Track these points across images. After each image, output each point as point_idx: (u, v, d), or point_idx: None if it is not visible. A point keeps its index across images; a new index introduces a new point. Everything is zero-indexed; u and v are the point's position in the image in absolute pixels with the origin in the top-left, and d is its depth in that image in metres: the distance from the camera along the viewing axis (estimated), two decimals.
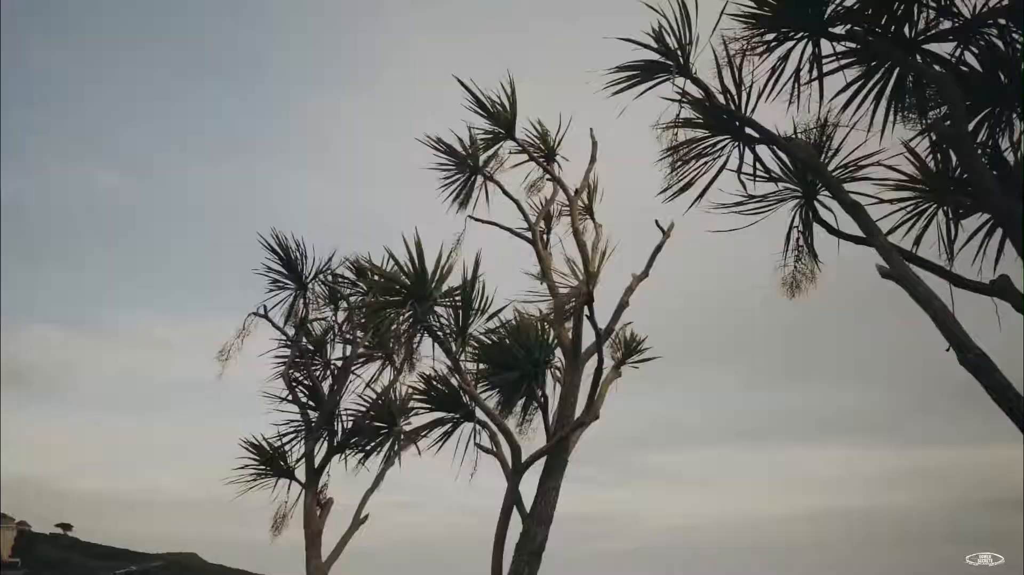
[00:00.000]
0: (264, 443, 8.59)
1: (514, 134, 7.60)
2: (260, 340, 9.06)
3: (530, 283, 8.40)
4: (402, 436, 8.75)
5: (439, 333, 7.38)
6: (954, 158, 5.48)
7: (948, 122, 4.45)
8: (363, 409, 8.99)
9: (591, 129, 8.00)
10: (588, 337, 7.39)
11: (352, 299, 9.02)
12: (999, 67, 5.28)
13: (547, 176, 8.04)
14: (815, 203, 5.97)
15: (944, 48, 5.40)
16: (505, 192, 8.14)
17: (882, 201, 5.95)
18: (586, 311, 6.87)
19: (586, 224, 8.78)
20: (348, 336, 9.29)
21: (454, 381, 7.69)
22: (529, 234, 8.19)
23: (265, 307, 8.93)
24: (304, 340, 9.25)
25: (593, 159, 8.14)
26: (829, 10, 5.15)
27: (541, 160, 8.29)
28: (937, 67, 5.36)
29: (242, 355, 8.81)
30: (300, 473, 8.55)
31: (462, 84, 7.29)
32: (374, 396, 8.87)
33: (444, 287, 7.40)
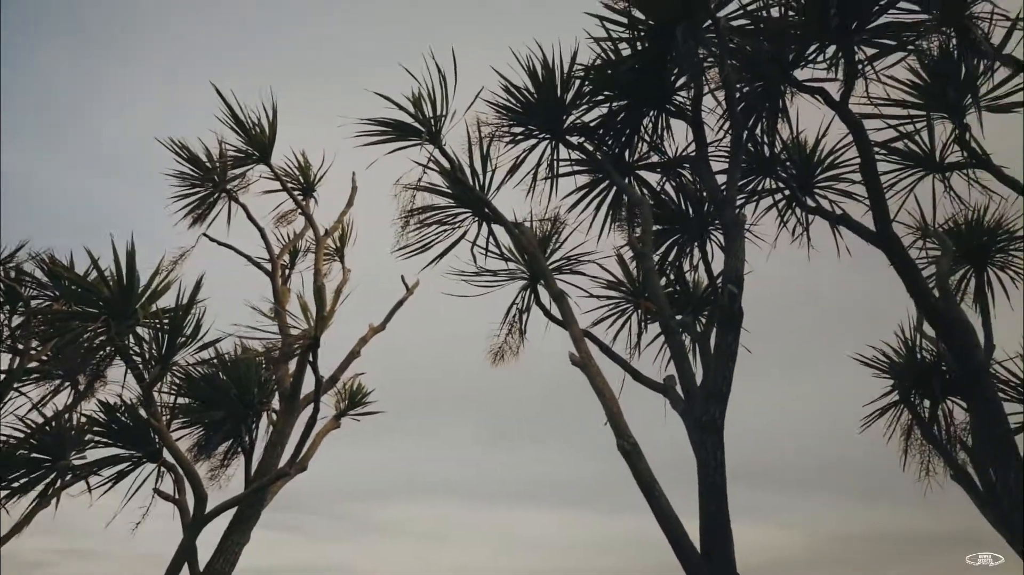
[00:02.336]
0: None
1: (269, 159, 7.20)
2: None
3: (259, 317, 7.83)
4: (69, 473, 7.37)
5: (136, 357, 6.47)
6: None
7: (640, 239, 5.19)
8: (22, 435, 7.43)
9: (353, 173, 7.92)
10: (311, 383, 7.07)
11: (35, 302, 7.55)
12: (689, 201, 6.37)
13: (299, 210, 7.70)
14: (538, 287, 6.51)
15: (654, 177, 6.41)
16: (250, 217, 7.61)
17: (592, 295, 6.71)
18: (310, 356, 6.57)
19: (332, 267, 8.55)
20: (20, 345, 7.71)
21: (143, 413, 6.73)
22: (269, 265, 7.71)
23: None
24: None
25: (350, 203, 8.03)
26: (569, 120, 5.80)
27: (296, 193, 7.94)
28: (646, 191, 6.32)
29: None
30: None
31: (219, 94, 6.76)
32: (41, 421, 7.39)
33: (153, 307, 6.55)
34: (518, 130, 5.76)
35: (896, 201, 6.19)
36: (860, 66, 5.33)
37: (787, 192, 6.30)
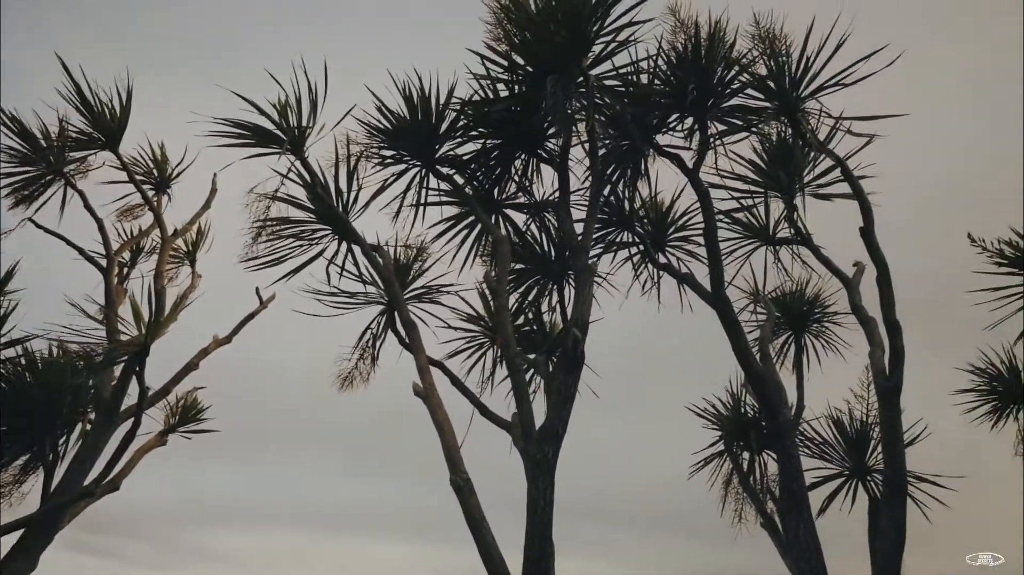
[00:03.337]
0: None
1: (117, 146, 6.61)
2: None
3: (84, 317, 7.07)
4: None
5: None
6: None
7: (496, 276, 5.27)
8: None
9: (215, 174, 7.46)
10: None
11: None
12: (552, 245, 6.58)
13: (147, 206, 7.11)
14: (395, 314, 6.40)
15: (521, 217, 6.56)
16: (87, 206, 6.91)
17: (450, 327, 6.69)
18: (136, 364, 6.00)
19: (181, 272, 7.96)
20: None
21: None
22: (104, 261, 7.01)
23: None
24: None
25: (207, 205, 7.53)
26: (441, 151, 5.83)
27: (147, 187, 7.34)
28: (511, 230, 6.46)
29: None
30: None
31: (64, 67, 6.15)
32: None
33: None
34: (388, 153, 5.71)
35: (734, 266, 6.76)
36: (712, 140, 5.82)
37: (642, 247, 6.68)
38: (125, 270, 7.61)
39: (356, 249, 5.73)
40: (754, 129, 5.79)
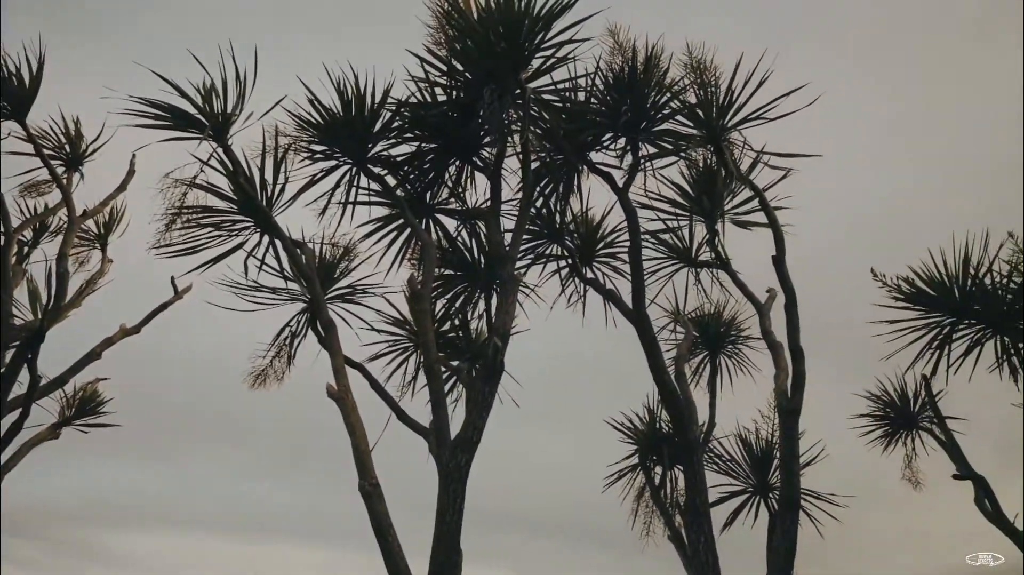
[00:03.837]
0: None
1: (24, 116, 6.19)
2: None
3: None
4: None
5: None
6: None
7: (421, 280, 5.22)
8: None
9: (133, 155, 7.09)
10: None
11: None
12: (482, 253, 6.58)
13: (55, 182, 6.68)
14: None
15: (453, 223, 6.53)
16: None
17: (373, 329, 6.59)
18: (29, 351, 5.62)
19: (91, 255, 7.53)
20: None
21: None
22: (1, 238, 6.54)
23: None
24: None
25: (123, 187, 7.16)
26: (373, 150, 5.74)
27: (57, 163, 6.91)
28: (442, 235, 6.43)
29: None
30: None
31: None
32: None
33: None
34: (319, 148, 5.58)
35: (657, 286, 6.95)
36: (642, 161, 5.98)
37: (570, 261, 6.78)
38: (26, 249, 7.13)
39: (279, 244, 5.56)
40: (682, 154, 5.99)
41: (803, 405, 5.26)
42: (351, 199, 5.77)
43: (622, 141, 6.04)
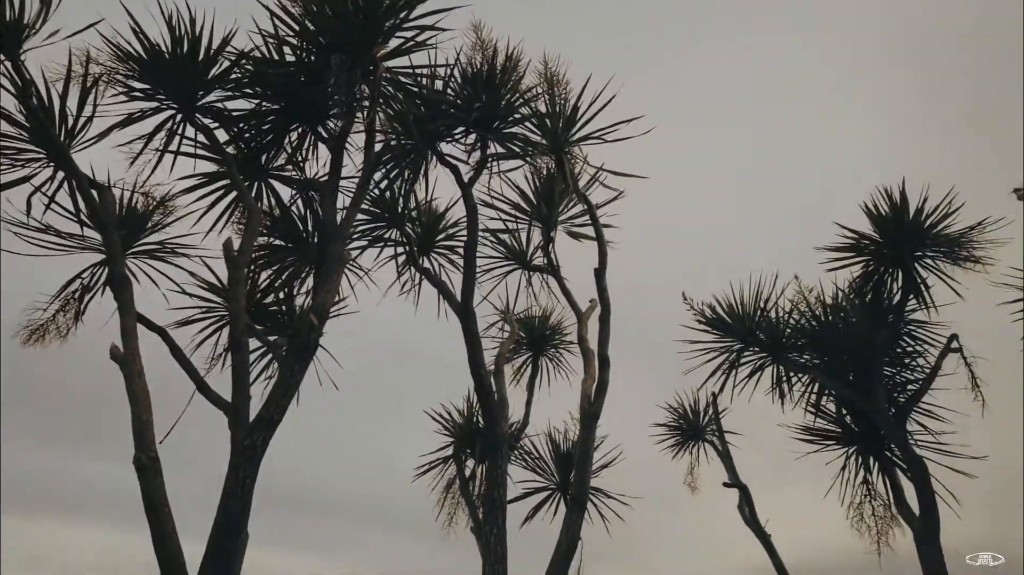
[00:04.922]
0: None
1: None
2: None
3: None
4: None
5: None
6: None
7: (240, 246, 4.90)
8: None
9: None
10: None
11: None
12: (316, 226, 6.31)
13: None
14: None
15: (288, 192, 6.20)
16: None
17: (184, 292, 6.07)
18: None
19: None
20: None
21: None
22: None
23: None
24: None
25: None
26: (206, 100, 5.29)
27: None
28: (274, 202, 6.08)
29: None
30: None
31: None
32: None
33: None
34: (139, 86, 5.03)
35: (491, 283, 7.11)
36: (489, 160, 6.07)
37: (408, 248, 6.71)
38: None
39: (75, 184, 4.93)
40: (527, 159, 6.17)
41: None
42: (172, 148, 5.27)
43: (472, 137, 6.10)
